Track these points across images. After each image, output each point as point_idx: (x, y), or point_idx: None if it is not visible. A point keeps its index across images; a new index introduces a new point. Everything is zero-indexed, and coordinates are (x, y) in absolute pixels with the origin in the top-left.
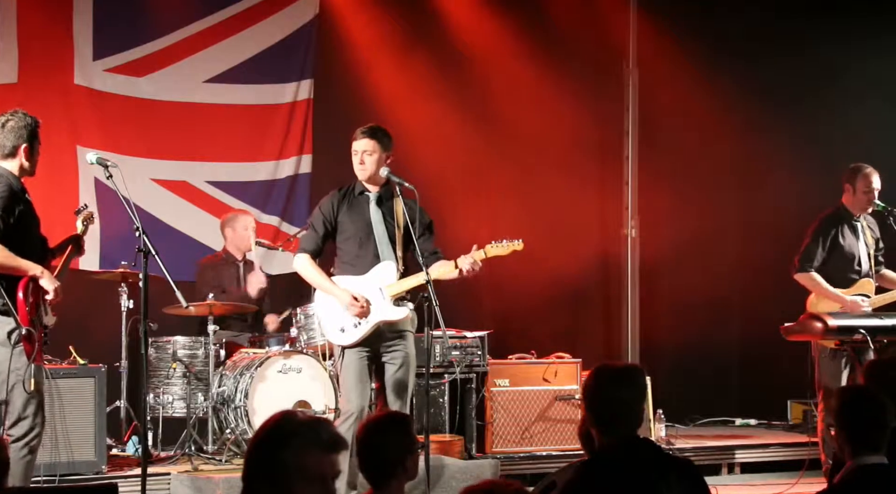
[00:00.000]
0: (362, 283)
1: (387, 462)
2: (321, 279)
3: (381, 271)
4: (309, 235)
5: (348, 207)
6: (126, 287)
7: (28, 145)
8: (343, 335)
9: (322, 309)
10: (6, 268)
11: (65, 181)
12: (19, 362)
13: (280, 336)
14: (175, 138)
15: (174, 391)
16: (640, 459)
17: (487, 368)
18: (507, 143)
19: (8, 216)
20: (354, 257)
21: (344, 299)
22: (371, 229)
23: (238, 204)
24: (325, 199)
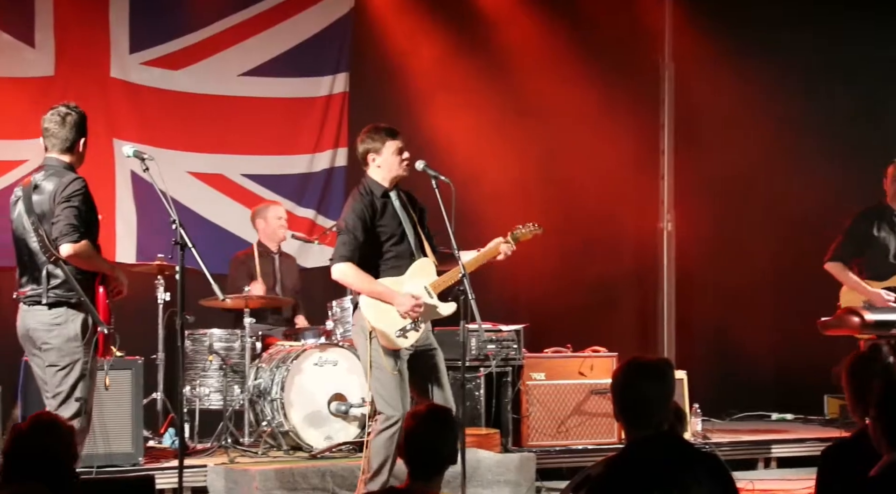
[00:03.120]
0: (407, 283)
1: (439, 455)
2: (377, 286)
3: (420, 269)
4: (351, 242)
5: (379, 210)
6: (162, 280)
7: (85, 139)
8: (404, 339)
9: (375, 314)
10: (95, 264)
11: (101, 174)
12: (89, 356)
13: (316, 329)
14: (211, 131)
15: (211, 384)
16: (668, 454)
17: (523, 361)
18: (543, 137)
19: (88, 212)
20: (395, 259)
21: (407, 303)
22: (403, 228)
23: (274, 197)
24: (356, 205)
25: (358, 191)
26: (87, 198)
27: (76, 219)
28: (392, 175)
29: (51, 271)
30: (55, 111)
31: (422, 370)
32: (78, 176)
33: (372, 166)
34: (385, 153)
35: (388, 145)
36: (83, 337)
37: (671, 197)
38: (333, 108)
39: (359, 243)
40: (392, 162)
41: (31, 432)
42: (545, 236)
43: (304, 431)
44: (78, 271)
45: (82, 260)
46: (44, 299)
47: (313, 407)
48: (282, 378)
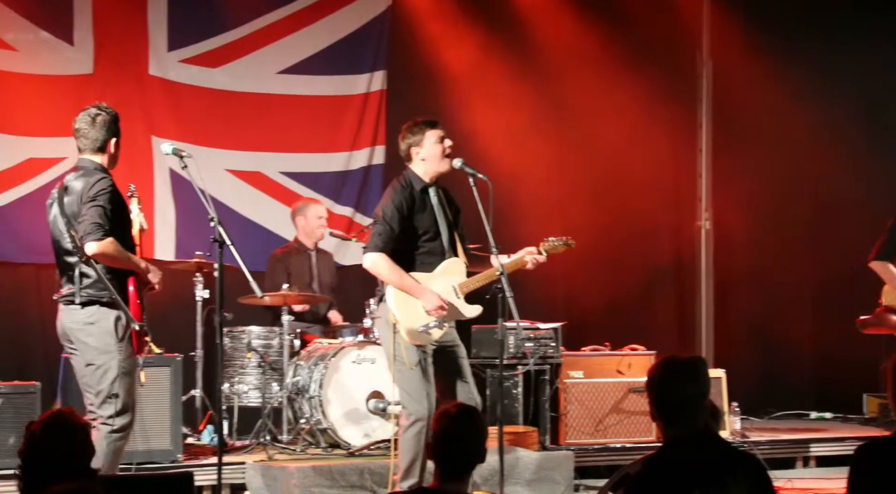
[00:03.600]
0: (436, 281)
1: (468, 454)
2: (407, 279)
3: (450, 268)
4: (386, 233)
5: (417, 204)
6: (201, 277)
7: (116, 139)
8: (425, 335)
9: (401, 308)
10: (121, 262)
11: (140, 172)
12: (125, 354)
13: (354, 327)
14: (249, 129)
15: (249, 381)
16: (706, 453)
17: (561, 359)
18: (580, 136)
19: (114, 209)
20: (427, 255)
21: (433, 301)
22: (438, 226)
23: (312, 195)
24: (395, 196)
25: (398, 182)
26: (114, 197)
27: (100, 217)
28: (436, 167)
29: (83, 271)
30: (86, 112)
31: (445, 367)
32: (105, 175)
33: (416, 160)
34: (427, 144)
35: (428, 136)
36: (117, 335)
37: (709, 195)
38: (371, 106)
39: (394, 234)
40: (435, 151)
41: (42, 433)
42: (583, 234)
43: (342, 428)
44: (109, 270)
45: (108, 258)
46: (77, 299)
47: (351, 405)
48: (320, 376)
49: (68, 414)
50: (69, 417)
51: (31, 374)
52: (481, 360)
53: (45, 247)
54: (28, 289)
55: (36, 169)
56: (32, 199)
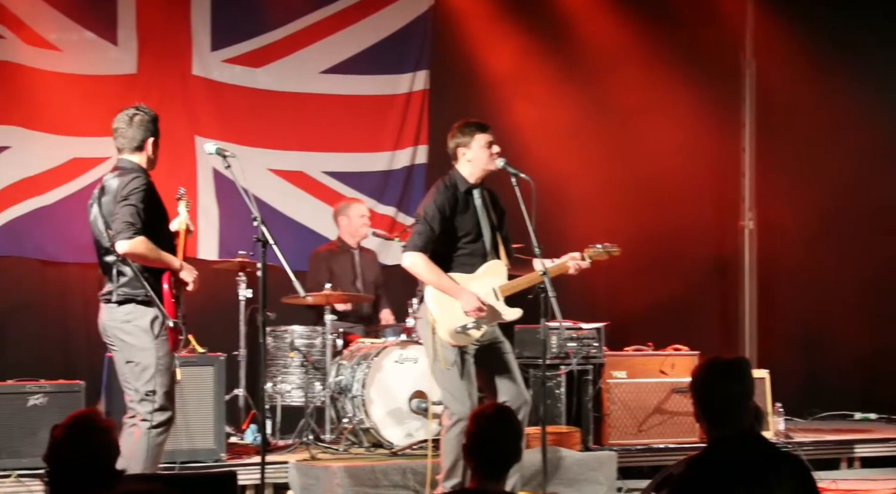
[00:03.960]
0: (476, 282)
1: (505, 454)
2: (445, 280)
3: (491, 270)
4: (426, 233)
5: (460, 205)
6: (244, 277)
7: (154, 139)
8: (462, 336)
9: (439, 308)
10: (152, 260)
11: (183, 171)
12: (163, 351)
13: (396, 327)
14: (292, 129)
15: (292, 380)
16: (750, 454)
17: (604, 359)
18: (623, 136)
19: (147, 208)
20: (468, 256)
21: (471, 302)
22: (480, 227)
23: (354, 194)
24: (438, 197)
25: (442, 182)
26: (148, 195)
27: (132, 216)
28: (480, 170)
29: (120, 270)
30: (124, 112)
31: (490, 364)
32: (139, 174)
33: (461, 161)
34: (474, 147)
35: (477, 139)
36: (153, 332)
37: (752, 195)
38: (414, 105)
39: (434, 234)
40: (481, 156)
41: (65, 436)
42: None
43: (384, 428)
44: (144, 268)
45: (139, 257)
46: (114, 297)
47: (394, 404)
48: (363, 375)
49: (90, 416)
50: (91, 419)
51: (75, 373)
52: (524, 360)
53: (89, 246)
54: (73, 289)
55: (80, 169)
56: (77, 198)
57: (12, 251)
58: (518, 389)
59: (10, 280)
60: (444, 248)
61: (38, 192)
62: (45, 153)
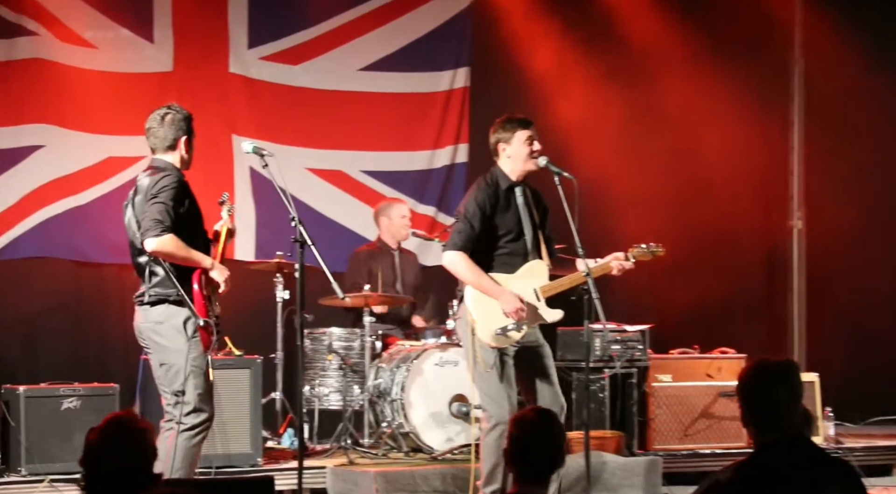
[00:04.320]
0: (517, 283)
1: (547, 459)
2: (485, 280)
3: (532, 270)
4: (466, 231)
5: (501, 203)
6: (281, 278)
7: (187, 137)
8: (502, 338)
9: (479, 309)
10: (180, 259)
11: (220, 170)
12: (196, 352)
13: (437, 329)
14: (330, 127)
15: (330, 384)
16: (798, 459)
17: (649, 363)
18: (669, 135)
19: (178, 206)
20: (508, 256)
21: (512, 303)
22: (521, 226)
23: (394, 194)
24: (479, 194)
25: (483, 180)
26: (179, 193)
27: (160, 214)
28: (520, 167)
29: (152, 270)
30: (157, 112)
31: (529, 367)
32: (170, 172)
33: (502, 157)
34: (515, 143)
35: (518, 135)
36: (186, 333)
37: (801, 194)
38: (454, 103)
39: (474, 233)
40: (521, 152)
41: (99, 440)
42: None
43: (424, 432)
44: (175, 267)
45: (167, 255)
46: (146, 298)
47: (434, 408)
48: (402, 379)
49: (127, 419)
50: (126, 422)
51: (111, 376)
52: (567, 363)
53: (125, 247)
54: (110, 290)
55: (115, 168)
56: (113, 198)
57: (46, 252)
58: (555, 394)
59: (45, 281)
60: (484, 247)
61: (73, 192)
62: (80, 152)
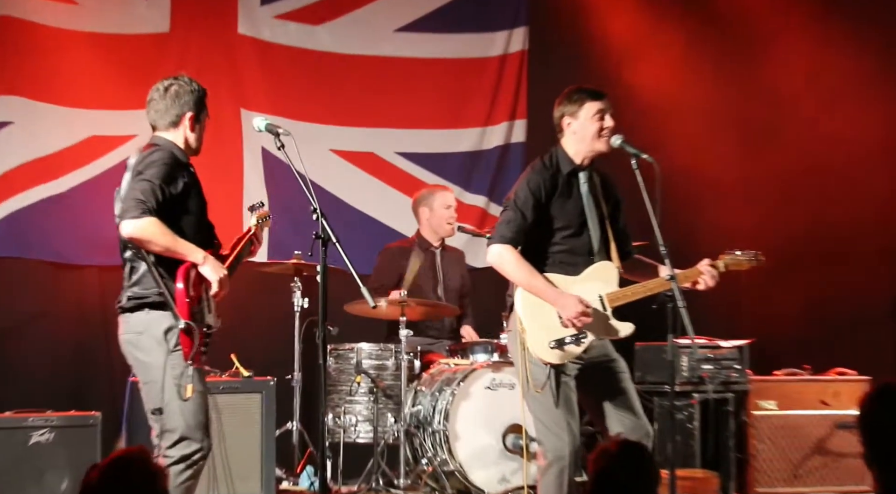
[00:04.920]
0: (578, 287)
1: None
2: (537, 279)
3: (599, 273)
4: (516, 221)
5: (561, 189)
6: (300, 282)
7: (194, 115)
8: (557, 352)
9: (530, 316)
10: (161, 247)
11: (226, 152)
12: (179, 367)
13: (487, 344)
14: (360, 100)
15: (358, 411)
16: None
17: (749, 386)
18: (775, 120)
19: (167, 187)
20: (567, 254)
21: (572, 308)
22: (585, 219)
23: (436, 181)
24: (533, 177)
25: (541, 161)
26: (170, 170)
27: (143, 193)
28: (588, 147)
29: (133, 265)
30: (162, 81)
31: (599, 387)
32: (165, 148)
33: (566, 133)
34: (582, 117)
35: (587, 107)
36: (168, 345)
37: None
38: (509, 70)
39: (526, 223)
40: (589, 129)
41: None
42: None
43: (473, 470)
44: (160, 262)
45: (146, 241)
46: (124, 301)
47: (485, 441)
48: (446, 405)
49: (135, 457)
50: (136, 461)
51: (92, 402)
52: (647, 386)
53: (111, 245)
54: (92, 298)
55: (99, 149)
56: (96, 186)
57: (15, 251)
58: (637, 419)
59: (13, 287)
60: (538, 242)
61: (49, 178)
62: (57, 130)
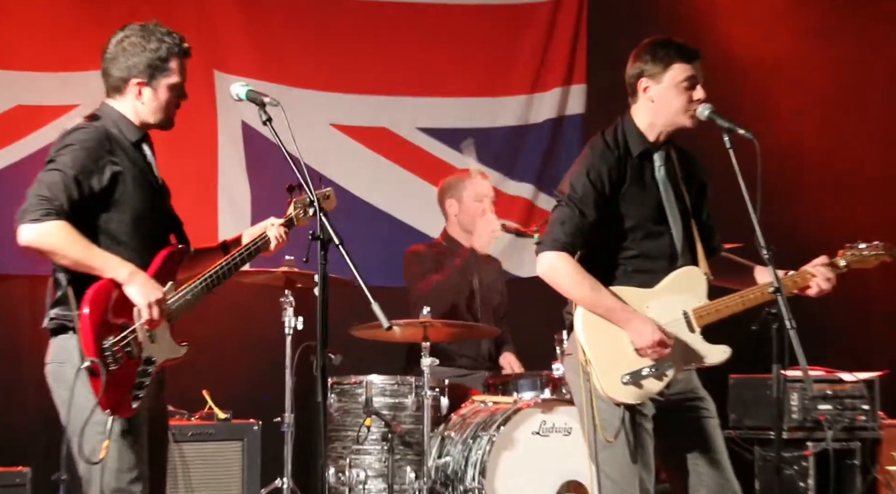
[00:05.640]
0: (657, 302)
1: None
2: (605, 296)
3: (683, 281)
4: (573, 222)
5: (630, 177)
6: (291, 297)
7: (145, 81)
8: (633, 388)
9: (595, 342)
10: (71, 260)
11: (195, 127)
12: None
13: (535, 377)
14: (369, 60)
15: (368, 464)
16: None
17: (881, 433)
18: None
19: (85, 179)
20: (642, 260)
21: (647, 335)
22: (664, 214)
23: (471, 164)
24: (594, 162)
25: (602, 140)
26: (92, 156)
27: (50, 188)
28: (669, 120)
29: (56, 278)
30: (120, 29)
31: (677, 435)
32: (85, 125)
33: (641, 101)
34: (666, 82)
35: (674, 71)
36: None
37: None
38: (564, 19)
39: (586, 224)
40: (673, 100)
41: None
42: None
43: None
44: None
45: (48, 253)
46: (46, 321)
47: None
48: (482, 456)
49: None
50: None
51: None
52: (744, 432)
53: None
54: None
55: (29, 123)
56: (21, 171)
57: None
58: (723, 477)
59: None
60: (603, 247)
61: None
62: None
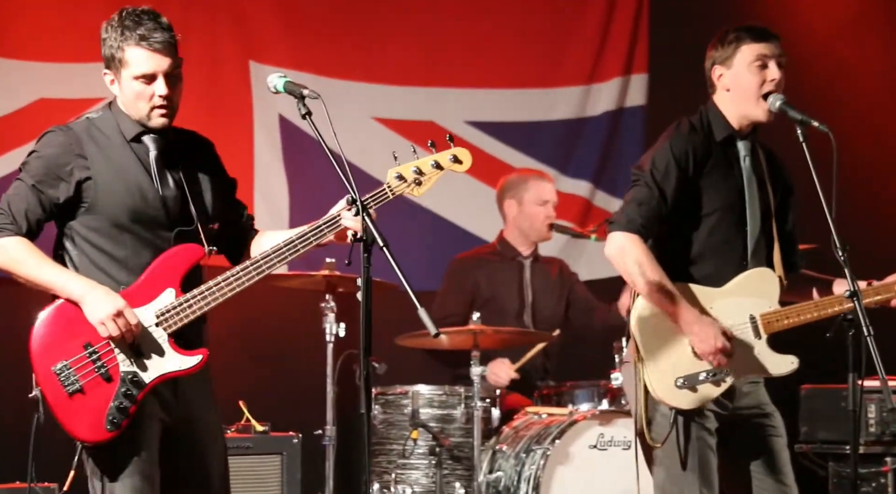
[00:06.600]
0: (723, 303)
1: None
2: (670, 292)
3: (754, 283)
4: (651, 203)
5: (714, 160)
6: (333, 302)
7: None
8: (687, 393)
9: (651, 339)
10: (23, 279)
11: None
12: None
13: (593, 386)
14: (414, 49)
15: (415, 480)
16: None
17: None
18: None
19: (46, 189)
20: (714, 255)
21: (710, 340)
22: (744, 206)
23: (523, 162)
24: (678, 142)
25: (688, 122)
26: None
27: (10, 201)
28: (747, 108)
29: None
30: None
31: (742, 451)
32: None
33: (718, 92)
34: (737, 64)
35: (743, 52)
36: None
37: None
38: (625, 4)
39: (665, 206)
40: (745, 83)
41: None
42: None
43: None
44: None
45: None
46: None
47: None
48: (536, 471)
49: None
50: None
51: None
52: (817, 446)
53: None
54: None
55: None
56: None
57: None
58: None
59: None
60: (674, 235)
61: None
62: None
